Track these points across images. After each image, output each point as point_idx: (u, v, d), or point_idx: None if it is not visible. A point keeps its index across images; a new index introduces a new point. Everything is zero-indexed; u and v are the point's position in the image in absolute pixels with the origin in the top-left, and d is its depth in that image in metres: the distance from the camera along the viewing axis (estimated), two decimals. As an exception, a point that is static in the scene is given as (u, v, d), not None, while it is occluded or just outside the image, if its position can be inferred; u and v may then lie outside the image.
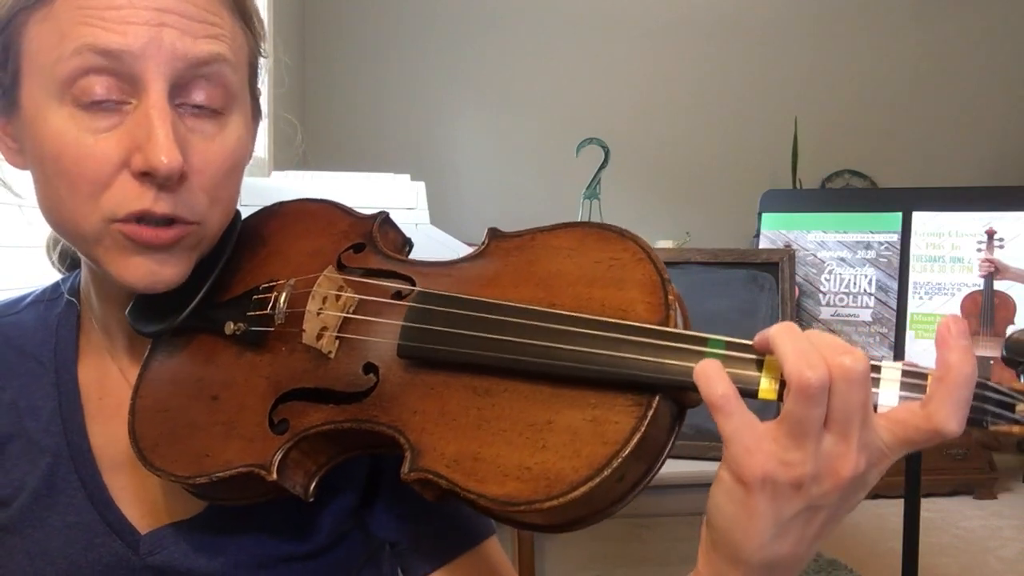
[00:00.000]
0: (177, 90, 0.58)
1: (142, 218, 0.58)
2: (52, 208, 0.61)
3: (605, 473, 0.47)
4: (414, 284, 0.61)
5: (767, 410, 0.48)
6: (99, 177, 0.57)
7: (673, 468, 1.46)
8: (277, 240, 0.70)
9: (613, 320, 0.52)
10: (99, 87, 0.56)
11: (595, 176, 2.79)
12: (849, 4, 4.20)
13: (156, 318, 0.64)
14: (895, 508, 1.68)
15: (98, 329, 0.70)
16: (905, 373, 0.48)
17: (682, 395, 0.51)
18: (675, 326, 0.52)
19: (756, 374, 0.48)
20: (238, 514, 0.65)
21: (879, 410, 0.47)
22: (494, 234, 0.63)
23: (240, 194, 0.67)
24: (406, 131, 4.01)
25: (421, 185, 1.75)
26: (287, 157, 2.56)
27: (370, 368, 0.58)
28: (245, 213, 0.72)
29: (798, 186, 3.96)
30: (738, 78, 4.16)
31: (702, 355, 0.49)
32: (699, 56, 4.16)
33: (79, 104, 0.56)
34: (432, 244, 1.40)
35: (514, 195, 4.06)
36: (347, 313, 0.61)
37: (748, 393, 0.48)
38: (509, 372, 0.53)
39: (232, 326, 0.63)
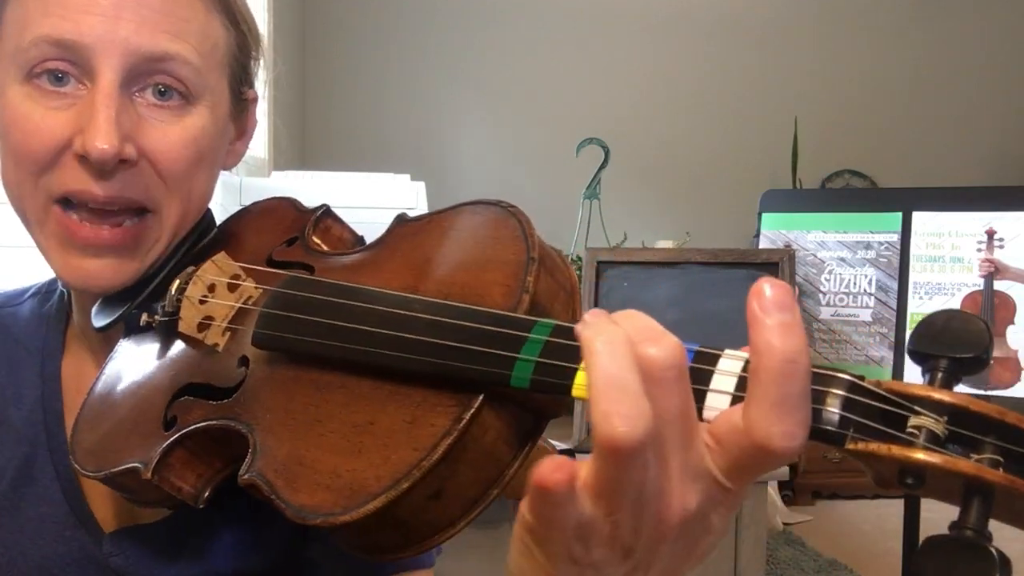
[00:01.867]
0: (134, 79, 0.58)
1: (82, 205, 0.59)
2: (6, 186, 0.62)
3: (404, 485, 0.40)
4: (312, 274, 0.59)
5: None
6: (41, 154, 0.58)
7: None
8: (238, 238, 0.69)
9: (451, 304, 0.45)
10: (56, 71, 0.57)
11: (595, 176, 2.79)
12: (849, 4, 4.21)
13: (110, 312, 0.63)
14: (895, 508, 1.68)
15: (77, 324, 0.71)
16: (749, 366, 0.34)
17: (526, 398, 0.42)
18: (538, 314, 0.43)
19: (573, 366, 0.38)
20: (199, 524, 0.65)
21: (705, 417, 0.35)
22: (399, 220, 0.59)
23: (214, 192, 0.67)
24: (406, 131, 4.01)
25: (421, 185, 1.75)
26: (287, 158, 2.56)
27: (244, 361, 0.55)
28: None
29: (798, 186, 3.96)
30: (738, 78, 4.16)
31: (523, 341, 0.40)
32: (699, 56, 4.16)
33: (37, 86, 0.58)
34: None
35: (514, 195, 4.00)
36: (242, 303, 0.58)
37: (559, 389, 0.38)
38: (347, 365, 0.48)
39: (146, 317, 0.61)
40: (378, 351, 0.45)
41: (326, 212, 0.67)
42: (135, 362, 0.63)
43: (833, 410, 0.33)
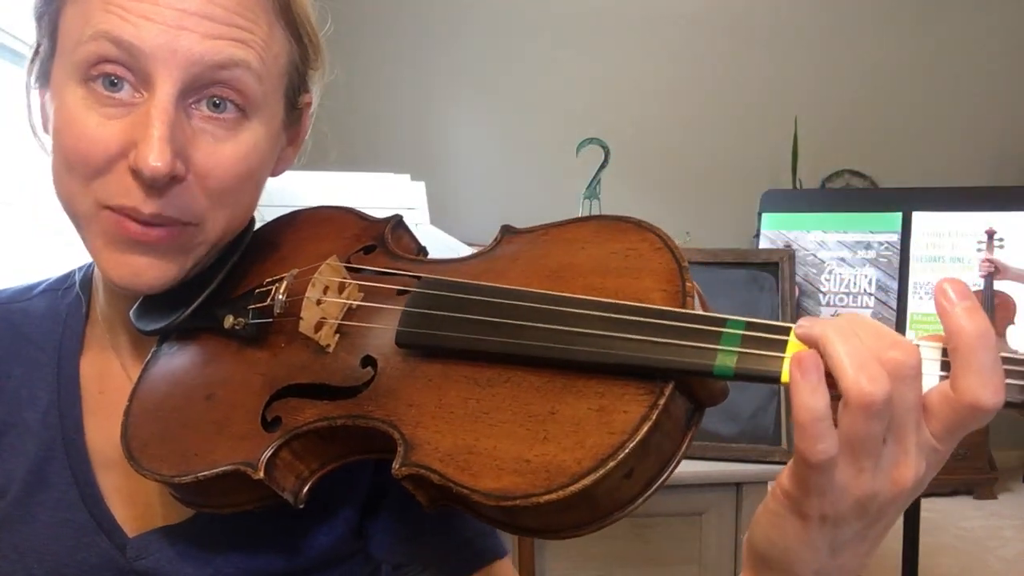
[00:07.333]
0: (191, 91, 0.57)
1: (130, 213, 0.58)
2: (55, 182, 0.61)
3: (610, 465, 0.43)
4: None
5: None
6: (93, 161, 0.57)
7: (673, 468, 1.46)
8: (289, 245, 0.69)
9: (622, 302, 0.48)
10: (112, 76, 0.56)
11: (595, 176, 2.78)
12: (850, 4, 4.20)
13: (158, 317, 0.63)
14: (895, 508, 1.68)
15: (102, 324, 0.70)
16: (946, 352, 0.41)
17: (698, 389, 0.47)
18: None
19: (780, 355, 0.43)
20: (230, 523, 0.63)
21: None
22: (506, 231, 0.61)
23: (257, 202, 0.66)
24: (406, 131, 4.01)
25: (421, 185, 1.75)
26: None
27: (368, 361, 0.56)
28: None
29: (798, 186, 3.96)
30: (738, 78, 4.16)
31: (720, 336, 0.44)
32: (699, 56, 4.16)
33: (92, 90, 0.57)
34: (432, 244, 1.40)
35: (514, 195, 4.06)
36: (349, 308, 0.59)
37: (771, 379, 0.43)
38: (511, 360, 0.50)
39: (231, 319, 0.62)
40: (559, 347, 0.48)
41: (400, 223, 0.68)
42: (195, 365, 0.63)
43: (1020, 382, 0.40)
